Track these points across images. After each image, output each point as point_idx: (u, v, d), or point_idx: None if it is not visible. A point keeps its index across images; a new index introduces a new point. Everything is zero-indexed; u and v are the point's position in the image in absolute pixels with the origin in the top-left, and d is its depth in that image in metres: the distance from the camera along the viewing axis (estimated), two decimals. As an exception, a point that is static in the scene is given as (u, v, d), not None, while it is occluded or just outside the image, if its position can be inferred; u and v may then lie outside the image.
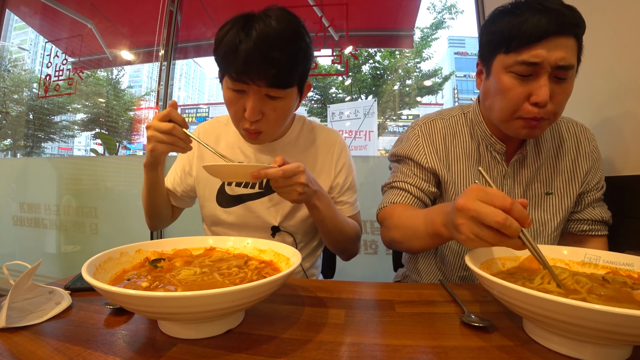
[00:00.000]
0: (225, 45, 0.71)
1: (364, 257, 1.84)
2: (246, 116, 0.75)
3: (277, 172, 0.67)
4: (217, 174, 0.73)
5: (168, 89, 2.20)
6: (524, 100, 0.68)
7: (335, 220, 0.84)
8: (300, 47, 0.74)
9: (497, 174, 0.82)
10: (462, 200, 0.49)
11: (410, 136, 0.87)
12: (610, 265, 0.57)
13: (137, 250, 0.60)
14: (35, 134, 3.63)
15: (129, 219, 2.16)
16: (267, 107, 0.76)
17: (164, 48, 2.21)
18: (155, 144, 0.73)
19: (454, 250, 0.86)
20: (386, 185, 0.90)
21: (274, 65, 0.69)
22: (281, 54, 0.70)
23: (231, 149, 0.94)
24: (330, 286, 0.68)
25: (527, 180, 0.82)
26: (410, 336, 0.47)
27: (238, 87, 0.74)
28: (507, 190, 0.81)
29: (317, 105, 5.87)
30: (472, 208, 0.47)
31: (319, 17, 2.16)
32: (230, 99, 0.77)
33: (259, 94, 0.74)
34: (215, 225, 0.96)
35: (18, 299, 0.53)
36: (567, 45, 0.64)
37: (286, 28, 0.71)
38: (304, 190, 0.72)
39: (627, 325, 0.34)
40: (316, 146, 0.95)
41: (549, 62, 0.64)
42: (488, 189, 0.48)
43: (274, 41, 0.69)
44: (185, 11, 2.35)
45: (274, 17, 0.71)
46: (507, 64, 0.68)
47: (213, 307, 0.41)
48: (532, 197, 0.82)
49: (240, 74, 0.71)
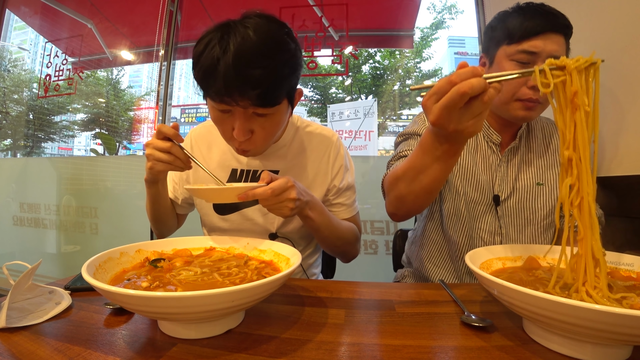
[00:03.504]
0: (203, 67, 0.65)
1: (364, 257, 1.84)
2: (235, 136, 0.71)
3: (266, 191, 0.64)
4: (201, 196, 0.70)
5: (168, 89, 2.20)
6: (522, 85, 0.79)
7: (330, 227, 0.82)
8: (284, 60, 0.67)
9: (492, 161, 0.89)
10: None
11: (417, 120, 0.94)
12: (610, 265, 0.57)
13: (137, 250, 0.60)
14: (35, 134, 3.63)
15: (129, 219, 2.15)
16: (256, 125, 0.72)
17: (164, 48, 2.21)
18: (154, 163, 0.71)
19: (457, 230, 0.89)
20: (392, 159, 0.91)
21: (256, 85, 0.63)
22: (263, 71, 0.63)
23: (224, 156, 0.91)
24: (330, 286, 0.68)
25: (517, 169, 0.89)
26: (410, 336, 0.47)
27: (222, 107, 0.69)
28: (500, 177, 0.88)
29: (317, 105, 5.87)
30: (428, 93, 0.51)
31: (319, 17, 2.16)
32: (216, 119, 0.73)
33: (245, 114, 0.70)
34: (213, 232, 0.94)
35: (18, 299, 0.53)
36: (559, 41, 0.77)
37: (266, 40, 0.64)
38: (295, 205, 0.69)
39: (627, 325, 0.34)
40: (311, 148, 0.92)
41: (545, 52, 0.76)
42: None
43: (254, 57, 0.63)
44: (185, 11, 2.35)
45: (252, 27, 0.64)
46: (509, 53, 0.80)
47: (213, 307, 0.41)
48: (524, 186, 0.87)
49: (222, 96, 0.65)
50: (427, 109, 0.53)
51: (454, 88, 0.47)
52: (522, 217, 0.87)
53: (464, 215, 0.88)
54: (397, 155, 0.89)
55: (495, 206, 0.87)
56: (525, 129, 0.91)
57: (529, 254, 0.62)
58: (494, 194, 0.87)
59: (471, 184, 0.88)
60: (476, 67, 0.48)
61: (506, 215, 0.87)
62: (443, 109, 0.49)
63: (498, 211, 0.87)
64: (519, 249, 0.63)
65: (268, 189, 0.64)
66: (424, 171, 0.63)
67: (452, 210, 0.89)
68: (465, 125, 0.50)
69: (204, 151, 0.93)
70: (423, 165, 0.63)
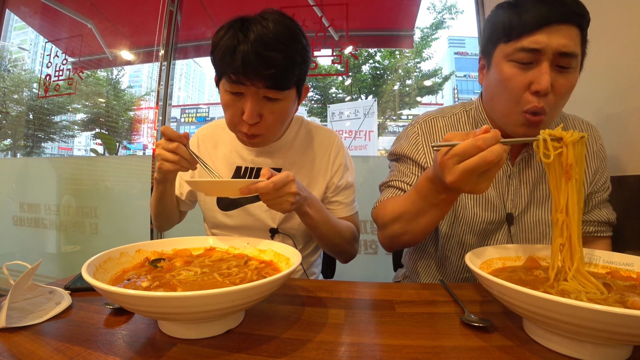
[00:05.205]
0: (222, 47, 0.72)
1: (364, 257, 1.84)
2: (244, 118, 0.75)
3: (268, 185, 0.65)
4: (203, 190, 0.72)
5: (168, 89, 2.19)
6: (524, 90, 0.66)
7: (328, 224, 0.83)
8: (297, 49, 0.74)
9: (502, 173, 0.79)
10: (436, 157, 0.54)
11: (410, 134, 0.85)
12: (610, 265, 0.57)
13: (137, 250, 0.60)
14: (35, 134, 3.63)
15: (129, 219, 2.15)
16: (266, 110, 0.76)
17: (164, 48, 2.21)
18: (161, 162, 0.75)
19: (455, 252, 0.84)
20: (383, 185, 0.88)
21: (271, 65, 0.70)
22: (279, 54, 0.70)
23: (229, 153, 0.94)
24: (330, 286, 0.68)
25: (534, 180, 0.78)
26: (410, 336, 0.47)
27: (236, 89, 0.74)
28: (512, 191, 0.78)
29: (317, 105, 5.87)
30: (450, 153, 0.50)
31: (319, 17, 2.15)
32: (227, 102, 0.77)
33: (257, 96, 0.74)
34: (216, 228, 0.96)
35: (18, 299, 0.53)
36: (570, 34, 0.63)
37: (283, 30, 0.72)
38: (295, 200, 0.71)
39: (627, 325, 0.34)
40: (313, 147, 0.95)
41: (550, 48, 0.63)
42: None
43: (272, 42, 0.70)
44: (185, 11, 2.35)
45: (270, 19, 0.72)
46: (507, 52, 0.67)
47: (213, 307, 0.41)
48: (539, 197, 0.79)
49: (238, 75, 0.71)
50: (446, 168, 0.51)
51: (481, 155, 0.47)
52: (537, 231, 0.78)
53: (463, 239, 0.81)
54: (387, 183, 0.86)
55: (508, 225, 0.78)
56: None
57: (529, 253, 0.62)
58: (507, 212, 0.78)
59: (479, 204, 0.78)
60: (497, 132, 0.49)
61: (520, 231, 0.79)
62: (465, 172, 0.49)
63: (511, 230, 0.78)
64: (519, 249, 0.63)
65: (270, 182, 0.66)
66: (422, 215, 0.65)
67: (449, 234, 0.83)
68: (480, 187, 0.51)
69: (210, 149, 0.96)
70: (420, 210, 0.64)
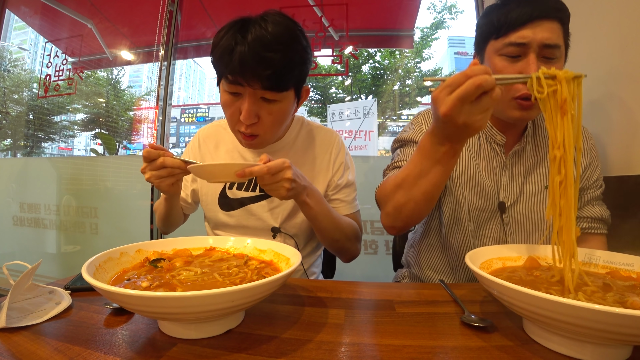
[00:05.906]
0: (221, 48, 0.72)
1: (364, 257, 1.84)
2: (241, 119, 0.76)
3: (262, 169, 0.67)
4: (201, 175, 0.72)
5: (168, 89, 2.19)
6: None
7: (329, 217, 0.83)
8: (296, 50, 0.74)
9: (496, 165, 0.84)
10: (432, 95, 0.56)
11: (414, 123, 0.89)
12: (610, 265, 0.57)
13: (137, 250, 0.60)
14: (35, 134, 3.64)
15: (129, 219, 2.15)
16: (263, 111, 0.77)
17: (164, 48, 2.21)
18: (157, 183, 0.73)
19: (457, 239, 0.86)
20: (387, 168, 0.89)
21: (269, 66, 0.70)
22: (276, 55, 0.70)
23: (231, 153, 0.95)
24: (330, 286, 0.68)
25: (525, 172, 0.84)
26: (410, 336, 0.47)
27: (233, 89, 0.75)
28: (505, 182, 0.83)
29: (317, 105, 5.88)
30: (442, 85, 0.53)
31: (319, 17, 2.15)
32: (226, 102, 0.78)
33: (254, 97, 0.75)
34: (218, 228, 0.97)
35: (18, 299, 0.53)
36: (552, 28, 0.71)
37: (282, 31, 0.72)
38: (291, 186, 0.71)
39: (627, 325, 0.34)
40: (314, 147, 0.95)
41: (535, 41, 0.71)
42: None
43: (269, 43, 0.70)
44: (185, 11, 2.35)
45: (270, 21, 0.72)
46: (497, 47, 0.75)
47: (213, 307, 0.41)
48: (530, 190, 0.83)
49: (236, 75, 0.71)
50: (439, 101, 0.54)
51: (470, 80, 0.50)
52: (529, 223, 0.83)
53: (465, 224, 0.84)
54: (392, 165, 0.88)
55: (500, 214, 0.83)
56: (532, 129, 0.85)
57: (529, 253, 0.62)
58: (499, 201, 0.83)
59: (474, 191, 0.83)
60: (487, 67, 0.51)
61: (512, 222, 0.83)
62: (457, 100, 0.51)
63: (503, 218, 0.83)
64: (519, 249, 0.63)
65: (265, 167, 0.67)
66: (424, 176, 0.64)
67: (452, 219, 0.86)
68: (474, 119, 0.53)
69: (212, 149, 0.97)
70: (423, 170, 0.64)
